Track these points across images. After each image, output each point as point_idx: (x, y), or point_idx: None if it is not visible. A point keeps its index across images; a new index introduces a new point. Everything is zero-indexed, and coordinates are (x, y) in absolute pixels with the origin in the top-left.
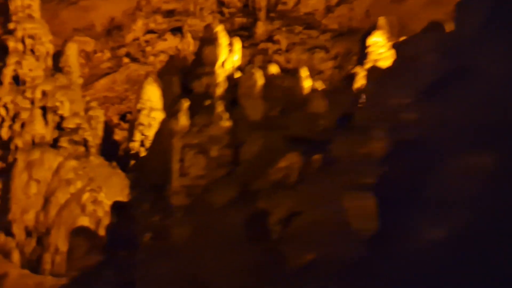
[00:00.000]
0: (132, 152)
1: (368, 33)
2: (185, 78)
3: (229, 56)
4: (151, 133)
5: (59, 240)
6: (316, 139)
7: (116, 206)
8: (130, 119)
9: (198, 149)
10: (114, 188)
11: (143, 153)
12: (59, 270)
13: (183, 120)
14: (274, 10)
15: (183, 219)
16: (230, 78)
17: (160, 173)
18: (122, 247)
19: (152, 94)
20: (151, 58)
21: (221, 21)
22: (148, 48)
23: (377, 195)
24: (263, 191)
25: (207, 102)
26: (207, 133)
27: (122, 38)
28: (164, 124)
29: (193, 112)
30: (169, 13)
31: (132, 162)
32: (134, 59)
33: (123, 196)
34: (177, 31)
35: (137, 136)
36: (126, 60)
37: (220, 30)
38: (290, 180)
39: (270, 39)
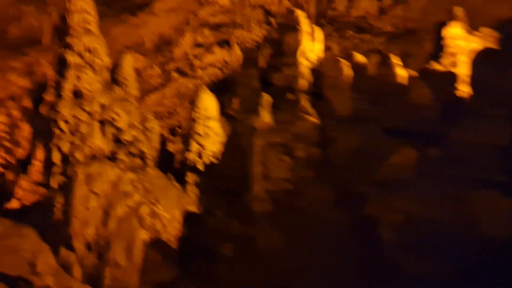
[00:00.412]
0: (189, 163)
1: (442, 24)
2: (263, 70)
3: (311, 45)
4: (207, 143)
5: (119, 255)
6: (420, 131)
7: (186, 216)
8: (180, 133)
9: (281, 149)
10: (171, 200)
11: (199, 164)
12: (119, 286)
13: (265, 116)
14: (324, 16)
15: (269, 227)
16: (313, 69)
17: (235, 177)
18: (196, 258)
19: (208, 103)
20: (200, 72)
21: (268, 31)
22: (196, 62)
23: (509, 194)
24: (370, 192)
25: (290, 96)
26: (292, 130)
27: (170, 53)
28: (239, 122)
29: (274, 107)
30: (216, 26)
31: (188, 173)
32: (182, 73)
33: (180, 208)
34: (224, 43)
35: (194, 147)
36: (175, 74)
37: (301, 15)
38: (403, 178)
39: None
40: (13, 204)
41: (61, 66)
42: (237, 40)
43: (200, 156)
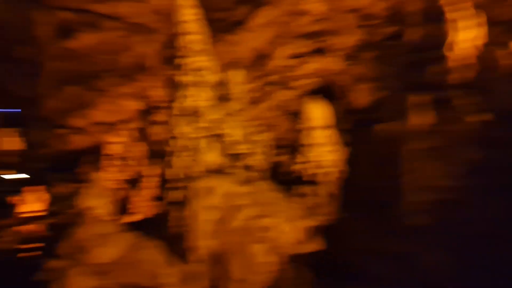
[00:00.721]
0: (300, 174)
1: None
2: (406, 68)
3: (462, 34)
4: (319, 152)
5: (236, 268)
6: None
7: (320, 228)
8: (285, 144)
9: (435, 154)
10: (286, 213)
11: (312, 175)
12: None
13: (414, 119)
14: None
15: (428, 243)
16: (465, 61)
17: (379, 188)
18: (335, 276)
19: (313, 112)
20: (297, 82)
21: (369, 33)
22: (293, 73)
23: None
24: None
25: (441, 94)
26: (447, 132)
27: (266, 66)
28: (380, 128)
29: (423, 108)
30: (309, 36)
31: (301, 185)
32: (280, 85)
33: (295, 221)
34: (318, 52)
35: (303, 158)
36: (272, 87)
37: (446, 3)
38: None
39: None
40: (132, 218)
41: (171, 86)
42: (331, 48)
43: (312, 167)
